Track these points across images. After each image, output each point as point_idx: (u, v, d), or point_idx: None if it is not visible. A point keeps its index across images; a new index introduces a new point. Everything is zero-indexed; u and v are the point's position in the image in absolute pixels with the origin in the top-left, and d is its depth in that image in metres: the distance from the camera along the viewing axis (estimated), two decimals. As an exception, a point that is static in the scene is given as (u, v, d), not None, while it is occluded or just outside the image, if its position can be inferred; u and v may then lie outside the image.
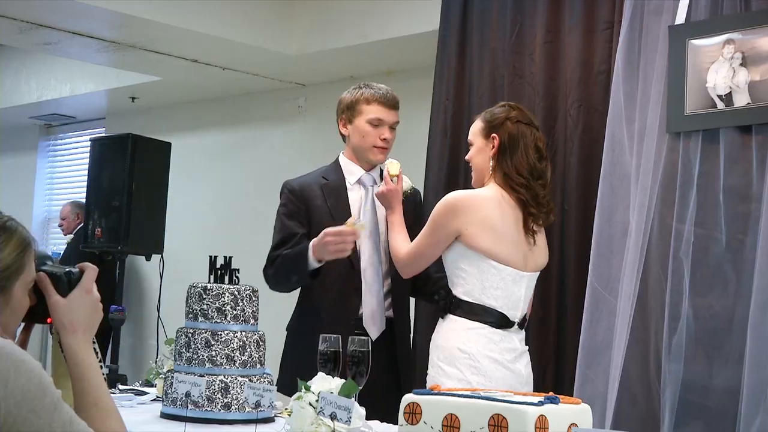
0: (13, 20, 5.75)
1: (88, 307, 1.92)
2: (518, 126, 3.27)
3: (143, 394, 3.27)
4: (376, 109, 3.60)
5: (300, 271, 3.46)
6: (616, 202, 3.69)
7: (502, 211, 3.21)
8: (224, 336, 2.74)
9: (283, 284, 3.60)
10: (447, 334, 3.23)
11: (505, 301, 3.21)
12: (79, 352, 1.87)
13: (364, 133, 3.60)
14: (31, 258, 1.82)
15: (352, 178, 3.65)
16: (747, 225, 3.38)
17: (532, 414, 2.11)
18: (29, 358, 1.64)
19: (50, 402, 1.62)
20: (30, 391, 1.60)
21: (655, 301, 3.54)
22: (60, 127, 9.29)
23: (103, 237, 6.09)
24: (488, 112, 3.38)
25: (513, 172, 3.23)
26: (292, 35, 6.14)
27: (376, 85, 3.67)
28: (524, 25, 4.19)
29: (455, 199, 3.25)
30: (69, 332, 1.87)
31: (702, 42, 3.53)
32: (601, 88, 3.91)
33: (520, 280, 3.23)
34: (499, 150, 3.26)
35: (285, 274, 3.54)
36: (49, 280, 1.90)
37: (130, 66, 6.90)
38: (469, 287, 3.21)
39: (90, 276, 1.94)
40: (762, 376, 3.21)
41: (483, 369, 3.14)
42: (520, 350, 3.27)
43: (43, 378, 1.63)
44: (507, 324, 3.22)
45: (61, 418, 1.63)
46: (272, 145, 7.27)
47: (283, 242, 3.58)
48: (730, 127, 3.44)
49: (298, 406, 2.43)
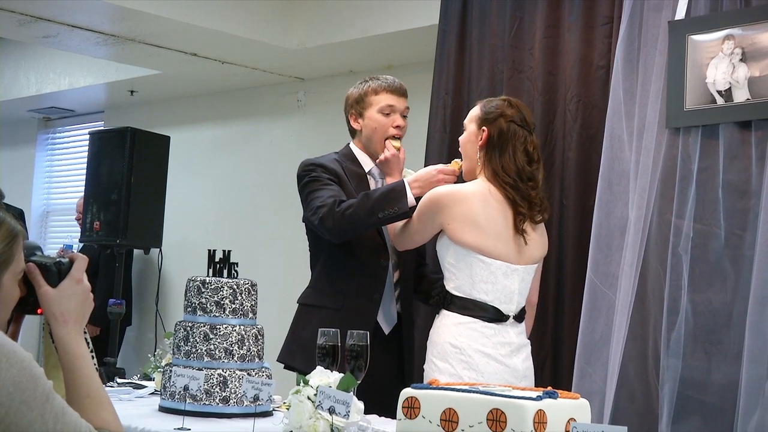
0: (12, 13, 5.74)
1: (79, 297, 1.91)
2: (510, 125, 3.27)
3: (142, 387, 3.28)
4: (386, 98, 3.59)
5: (391, 209, 3.30)
6: (615, 197, 3.69)
7: (487, 206, 3.21)
8: (223, 330, 2.74)
9: (362, 225, 3.37)
10: (440, 330, 3.24)
11: (497, 294, 3.21)
12: (71, 343, 1.86)
13: (377, 124, 3.59)
14: (20, 248, 1.81)
15: (365, 168, 3.65)
16: (746, 221, 3.38)
17: (531, 408, 2.12)
18: (19, 349, 1.63)
19: (42, 393, 1.62)
20: (21, 383, 1.59)
21: (654, 297, 3.54)
22: (59, 121, 9.28)
23: (101, 230, 6.09)
24: (489, 102, 3.38)
25: (500, 170, 3.24)
26: (291, 29, 6.14)
27: (382, 76, 3.67)
28: (524, 20, 4.19)
29: (439, 194, 3.26)
30: (60, 323, 1.86)
31: (702, 38, 3.53)
32: (600, 83, 3.91)
33: (512, 273, 3.23)
34: (487, 144, 3.27)
35: (369, 211, 3.31)
36: (38, 270, 1.89)
37: (129, 59, 6.89)
38: (460, 282, 3.22)
39: (80, 266, 1.93)
40: (760, 372, 3.21)
41: (474, 364, 3.14)
42: (517, 344, 3.26)
43: (34, 369, 1.63)
44: (501, 318, 3.22)
45: (53, 408, 1.63)
46: (271, 139, 7.26)
47: (336, 193, 3.44)
48: (730, 122, 3.44)
49: (297, 399, 2.43)
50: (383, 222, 3.38)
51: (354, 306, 3.49)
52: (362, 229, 3.40)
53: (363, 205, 3.32)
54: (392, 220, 3.36)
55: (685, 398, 3.41)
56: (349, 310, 3.47)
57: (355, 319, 3.41)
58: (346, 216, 3.33)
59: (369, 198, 3.33)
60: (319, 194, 3.43)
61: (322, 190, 3.45)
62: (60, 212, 9.08)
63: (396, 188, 3.34)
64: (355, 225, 3.35)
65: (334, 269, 3.56)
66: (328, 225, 3.36)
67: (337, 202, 3.36)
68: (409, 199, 3.31)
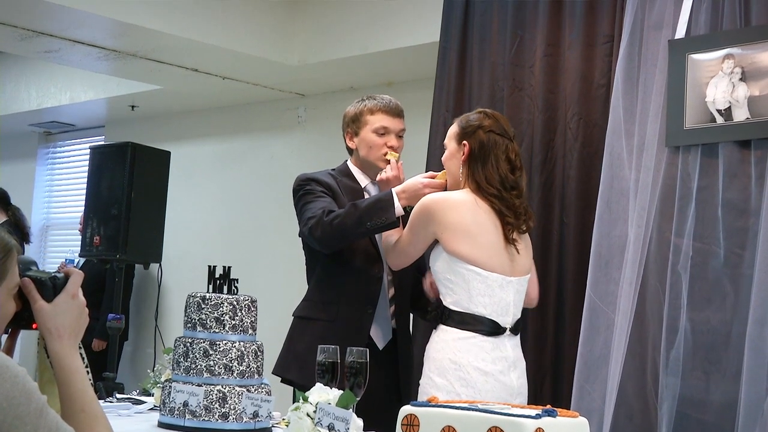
0: (14, 28, 5.76)
1: (74, 312, 1.90)
2: (490, 135, 3.26)
3: (141, 403, 3.27)
4: (381, 118, 3.61)
5: (379, 219, 3.32)
6: (614, 215, 3.70)
7: (476, 215, 3.20)
8: (222, 346, 2.74)
9: (350, 234, 3.39)
10: (438, 345, 3.23)
11: (494, 307, 3.20)
12: (65, 358, 1.85)
13: (371, 144, 3.61)
14: (14, 263, 1.81)
15: (361, 184, 3.67)
16: (745, 239, 3.38)
17: (530, 427, 2.11)
18: (13, 364, 1.63)
19: (36, 408, 1.61)
20: (15, 398, 1.59)
21: (653, 315, 3.54)
22: (59, 135, 9.29)
23: (101, 245, 6.09)
24: (464, 117, 3.38)
25: (484, 182, 3.23)
26: (292, 45, 6.16)
27: (379, 96, 3.68)
28: (524, 38, 4.20)
29: (429, 202, 3.25)
30: (54, 338, 1.86)
31: (702, 56, 3.54)
32: (600, 101, 3.92)
33: (507, 285, 3.22)
34: (469, 158, 3.27)
35: (357, 221, 3.33)
36: (33, 285, 1.88)
37: (131, 74, 6.91)
38: (457, 297, 3.22)
39: (75, 281, 1.92)
40: (759, 391, 3.21)
41: (472, 381, 3.13)
42: (512, 359, 3.23)
43: (27, 383, 1.62)
44: (498, 330, 3.21)
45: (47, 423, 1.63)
46: (272, 155, 7.27)
47: (327, 204, 3.46)
48: (729, 141, 3.45)
49: (296, 416, 2.43)
50: (371, 231, 3.40)
51: (347, 317, 3.50)
52: (350, 238, 3.42)
53: (351, 215, 3.35)
54: (380, 229, 3.39)
55: (683, 417, 3.40)
56: (342, 322, 3.49)
57: (348, 331, 3.45)
58: (334, 225, 3.35)
59: (357, 208, 3.36)
60: (311, 206, 3.47)
61: (314, 202, 3.48)
62: (60, 226, 9.09)
63: (383, 198, 3.36)
64: (343, 234, 3.38)
65: (328, 281, 3.59)
66: (317, 235, 3.39)
67: (326, 212, 3.39)
68: (397, 209, 3.33)
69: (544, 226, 4.00)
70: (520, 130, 4.11)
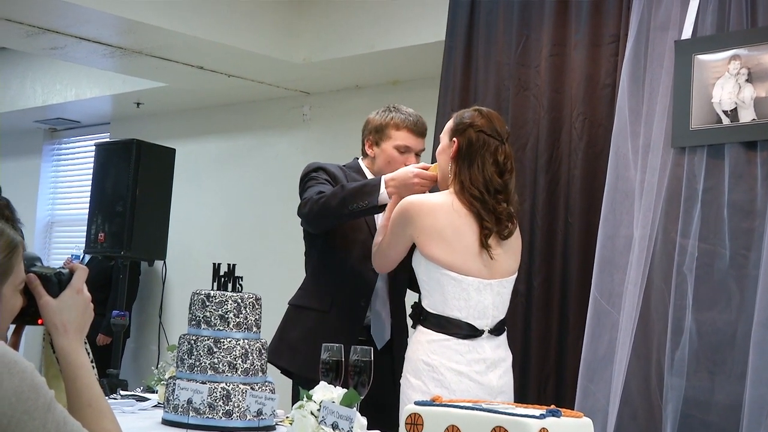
0: (20, 24, 5.77)
1: (80, 308, 1.91)
2: (480, 135, 3.18)
3: (145, 399, 3.27)
4: (405, 136, 3.59)
5: (362, 202, 3.32)
6: (619, 216, 3.69)
7: (451, 219, 3.14)
8: (227, 343, 2.74)
9: (333, 214, 3.39)
10: (414, 346, 3.20)
11: (470, 311, 3.14)
12: (71, 353, 1.86)
13: (391, 159, 3.58)
14: (20, 259, 1.81)
15: None
16: (751, 240, 3.38)
17: (534, 426, 2.11)
18: (21, 359, 1.63)
19: (44, 403, 1.62)
20: (23, 392, 1.59)
21: (658, 316, 3.54)
22: (64, 132, 9.31)
23: (106, 242, 6.10)
24: (460, 113, 3.31)
25: (468, 182, 3.16)
26: (297, 43, 6.16)
27: (405, 110, 3.64)
28: (530, 38, 4.20)
29: (407, 204, 3.20)
30: (60, 333, 1.87)
31: (708, 57, 3.54)
32: (606, 102, 3.92)
33: (485, 288, 3.16)
34: (457, 155, 3.20)
35: (340, 202, 3.35)
36: (39, 281, 1.89)
37: (136, 72, 6.92)
38: (433, 299, 3.17)
39: (80, 276, 1.93)
40: (764, 392, 3.20)
41: (446, 382, 3.09)
42: (493, 359, 3.17)
43: (35, 378, 1.63)
44: (475, 333, 3.16)
45: (54, 418, 1.63)
46: (277, 153, 7.28)
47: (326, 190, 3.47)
48: (735, 142, 3.45)
49: (300, 414, 2.43)
50: (353, 215, 3.39)
51: (340, 308, 3.51)
52: (333, 218, 3.42)
53: (336, 195, 3.37)
54: (362, 213, 3.39)
55: (688, 418, 3.40)
56: (335, 313, 3.50)
57: (342, 321, 3.46)
58: (319, 204, 3.38)
59: (343, 189, 3.37)
60: (310, 190, 3.50)
61: (314, 187, 3.50)
62: (65, 223, 9.10)
63: (370, 183, 3.36)
64: (327, 213, 3.39)
65: (324, 272, 3.59)
66: (304, 212, 3.43)
67: (314, 196, 3.42)
68: (381, 196, 3.31)
69: (549, 226, 4.00)
70: (525, 130, 4.11)
